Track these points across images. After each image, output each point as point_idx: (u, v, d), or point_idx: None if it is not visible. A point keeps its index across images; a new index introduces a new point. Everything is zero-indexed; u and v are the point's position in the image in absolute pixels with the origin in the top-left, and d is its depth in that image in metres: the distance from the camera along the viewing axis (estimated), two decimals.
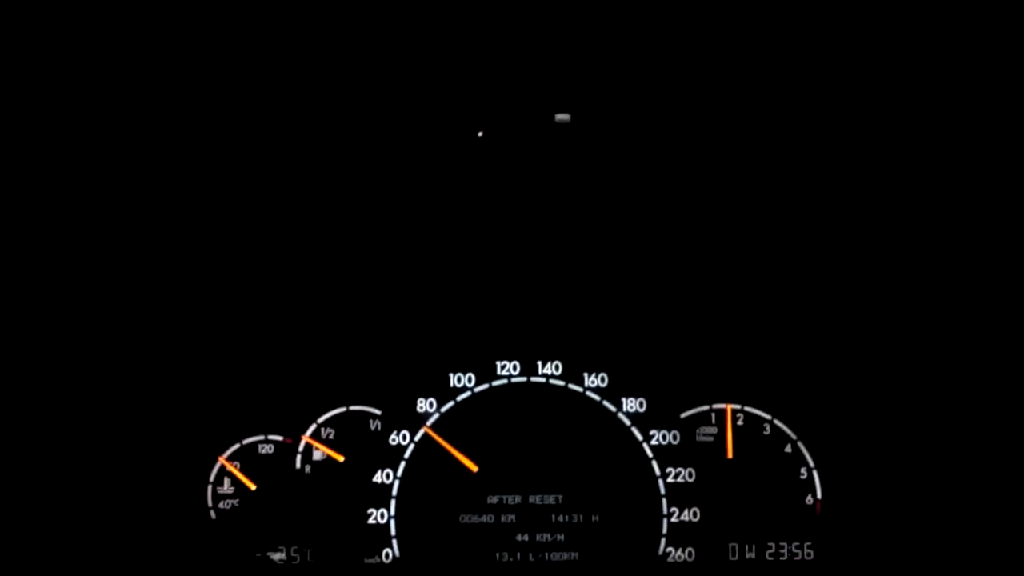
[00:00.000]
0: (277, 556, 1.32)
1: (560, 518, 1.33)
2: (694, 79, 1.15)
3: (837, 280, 1.36)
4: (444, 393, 1.36)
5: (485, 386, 1.37)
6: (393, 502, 1.33)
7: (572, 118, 1.22)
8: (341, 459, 1.34)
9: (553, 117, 1.22)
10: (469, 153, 1.29)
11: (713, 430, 1.36)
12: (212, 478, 1.35)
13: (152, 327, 1.35)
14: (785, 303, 1.36)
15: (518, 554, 1.31)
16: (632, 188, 1.32)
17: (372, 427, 1.36)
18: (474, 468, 1.34)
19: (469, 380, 1.37)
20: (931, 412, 1.32)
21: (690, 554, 1.32)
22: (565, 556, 1.31)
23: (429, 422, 1.35)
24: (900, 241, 1.29)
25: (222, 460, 1.35)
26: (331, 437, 1.36)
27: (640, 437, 1.35)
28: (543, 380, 1.37)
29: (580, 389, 1.37)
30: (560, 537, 1.32)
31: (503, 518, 1.33)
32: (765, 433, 1.36)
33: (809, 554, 1.32)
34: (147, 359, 1.34)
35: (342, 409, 1.36)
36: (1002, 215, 1.24)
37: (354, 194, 1.31)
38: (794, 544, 1.33)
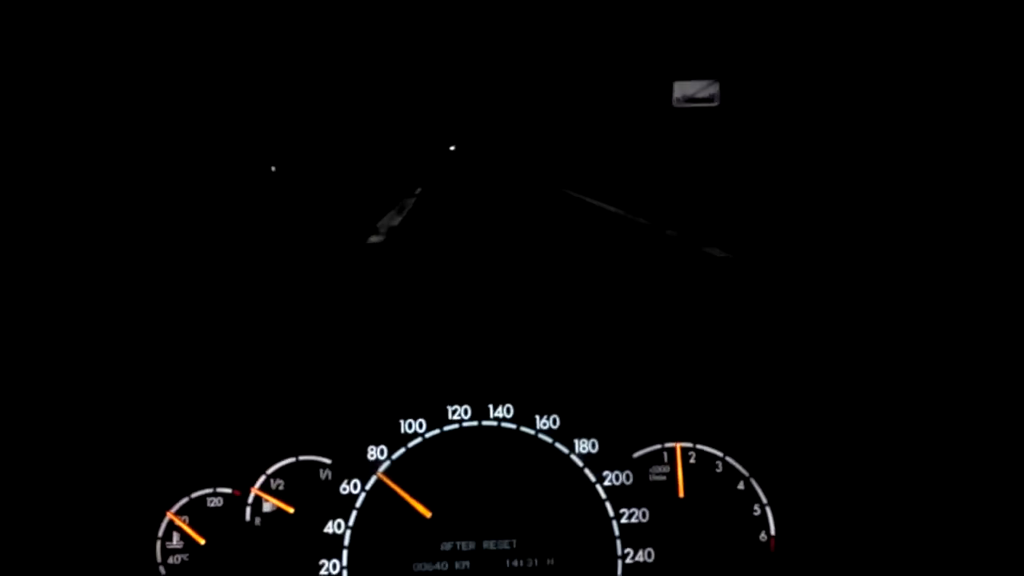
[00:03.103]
0: None
1: (515, 563, 1.32)
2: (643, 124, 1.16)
3: (784, 317, 1.37)
4: (395, 440, 1.35)
5: (436, 431, 1.36)
6: (345, 552, 1.32)
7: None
8: (291, 510, 1.33)
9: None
10: (415, 196, 1.28)
11: (666, 469, 1.36)
12: (160, 533, 1.33)
13: (93, 379, 1.32)
14: (734, 341, 1.37)
15: None
16: (577, 231, 1.32)
17: (322, 476, 1.34)
18: (427, 514, 1.32)
19: (420, 426, 1.36)
20: (883, 446, 1.33)
21: None
22: None
23: (381, 469, 1.34)
24: (848, 278, 1.31)
25: (170, 515, 1.33)
26: (281, 488, 1.34)
27: (593, 478, 1.35)
28: (495, 423, 1.36)
29: (532, 431, 1.36)
30: None
31: (457, 564, 1.31)
32: (717, 471, 1.36)
33: None
34: (89, 413, 1.32)
35: (291, 459, 1.35)
36: (954, 256, 1.26)
37: (298, 241, 1.30)
38: None
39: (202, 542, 1.32)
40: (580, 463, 1.35)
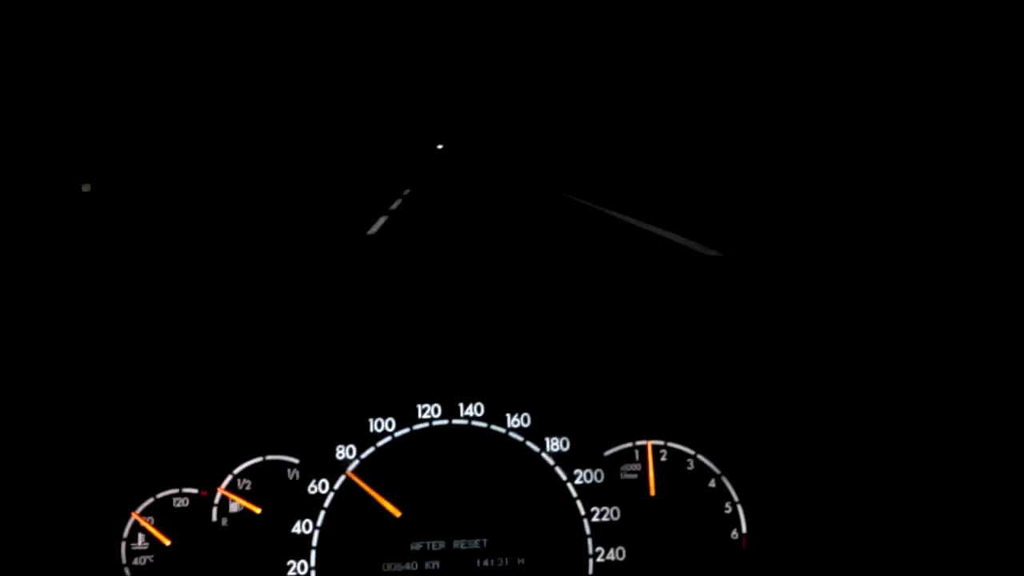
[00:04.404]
0: None
1: (485, 562, 1.31)
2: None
3: (755, 314, 1.36)
4: (364, 439, 1.34)
5: (406, 430, 1.35)
6: (313, 552, 1.30)
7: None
8: (258, 511, 1.31)
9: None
10: (386, 198, 1.27)
11: (637, 467, 1.35)
12: (125, 534, 1.31)
13: (55, 378, 1.30)
14: (704, 339, 1.36)
15: None
16: (550, 230, 1.31)
17: (290, 476, 1.33)
18: (397, 513, 1.31)
19: (390, 424, 1.35)
20: (854, 444, 1.32)
21: None
22: None
23: (350, 468, 1.33)
24: (821, 277, 1.31)
25: (135, 515, 1.31)
26: (248, 488, 1.32)
27: (564, 477, 1.34)
28: (465, 422, 1.35)
29: (503, 430, 1.35)
30: None
31: (427, 564, 1.30)
32: (688, 469, 1.35)
33: None
34: (51, 412, 1.30)
35: (259, 459, 1.33)
36: (926, 261, 1.26)
37: (266, 239, 1.28)
38: None
39: (168, 543, 1.30)
40: (551, 461, 1.34)
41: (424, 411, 1.35)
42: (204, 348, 1.33)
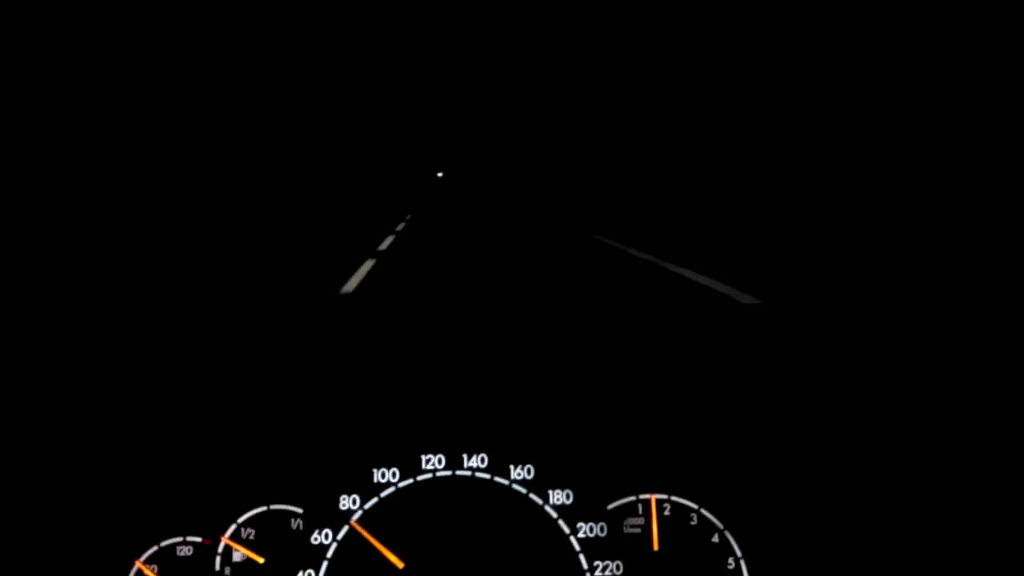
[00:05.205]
0: None
1: None
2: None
3: (759, 369, 1.36)
4: (368, 489, 1.34)
5: (410, 480, 1.35)
6: None
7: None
8: (261, 560, 1.31)
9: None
10: (387, 248, 1.28)
11: (640, 521, 1.35)
12: None
13: (62, 423, 1.31)
14: (708, 393, 1.36)
15: None
16: (556, 283, 1.32)
17: (294, 526, 1.33)
18: (400, 564, 1.31)
19: (393, 475, 1.35)
20: (858, 501, 1.32)
21: None
22: None
23: (353, 518, 1.33)
24: (819, 333, 1.31)
25: (139, 564, 1.31)
26: (251, 537, 1.33)
27: (567, 530, 1.34)
28: (468, 473, 1.36)
29: (506, 482, 1.35)
30: None
31: None
32: (692, 523, 1.35)
33: None
34: (56, 459, 1.31)
35: (263, 508, 1.33)
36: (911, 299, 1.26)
37: (269, 288, 1.30)
38: None
39: None
40: (554, 514, 1.34)
41: (428, 461, 1.36)
42: (209, 396, 1.35)
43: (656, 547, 1.33)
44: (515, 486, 1.35)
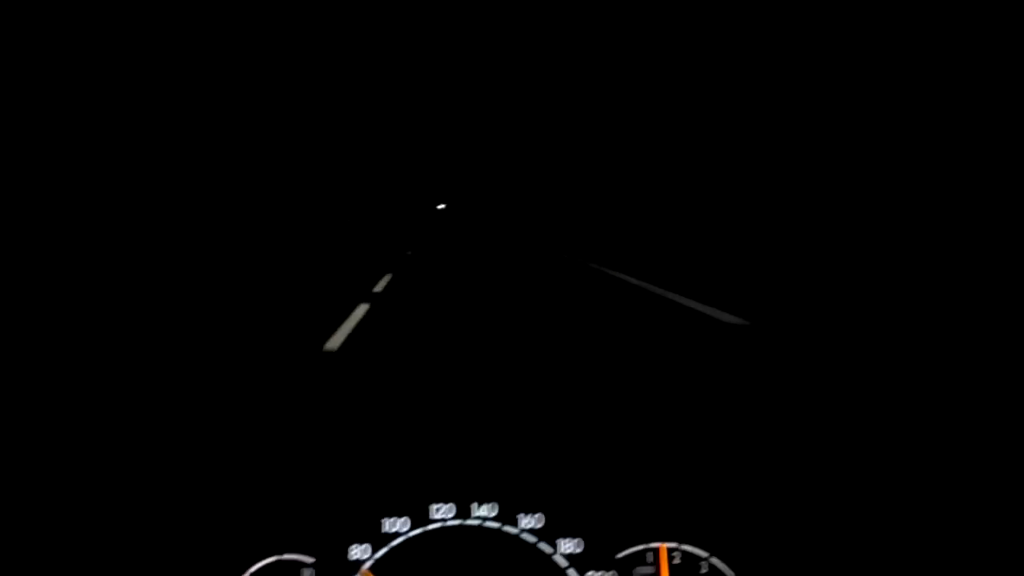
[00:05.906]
0: None
1: None
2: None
3: (768, 416, 1.37)
4: (378, 538, 1.34)
5: (420, 530, 1.35)
6: None
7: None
8: None
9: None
10: (393, 293, 1.30)
11: (650, 570, 1.35)
12: None
13: (65, 476, 1.32)
14: (718, 440, 1.37)
15: None
16: (566, 330, 1.33)
17: None
18: None
19: (403, 524, 1.35)
20: (872, 549, 1.32)
21: None
22: None
23: (364, 568, 1.33)
24: (825, 382, 1.32)
25: None
26: None
27: None
28: (477, 522, 1.36)
29: (515, 530, 1.36)
30: None
31: None
32: (703, 572, 1.35)
33: None
34: (65, 511, 1.31)
35: (273, 558, 1.33)
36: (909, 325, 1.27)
37: (277, 335, 1.31)
38: None
39: None
40: (564, 563, 1.34)
41: (437, 510, 1.36)
42: (217, 445, 1.35)
43: None
44: (524, 535, 1.35)
